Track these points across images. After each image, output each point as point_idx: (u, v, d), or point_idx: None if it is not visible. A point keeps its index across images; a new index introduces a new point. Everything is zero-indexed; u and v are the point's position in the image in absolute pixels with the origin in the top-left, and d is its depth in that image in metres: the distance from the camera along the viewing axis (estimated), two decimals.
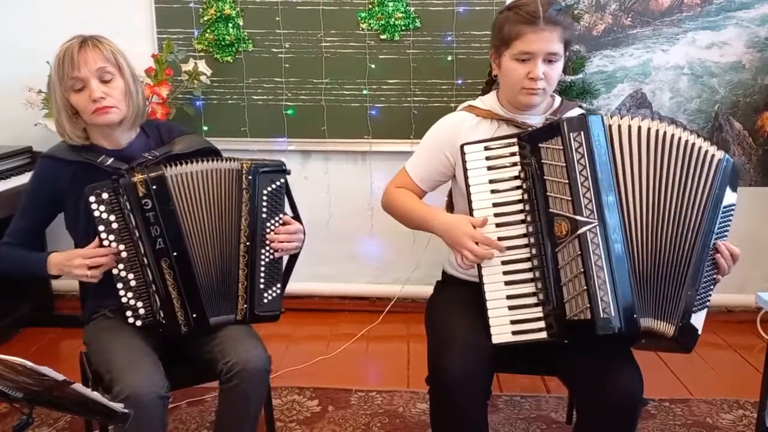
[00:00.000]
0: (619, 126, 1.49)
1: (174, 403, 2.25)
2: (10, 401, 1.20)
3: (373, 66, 2.91)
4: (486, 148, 1.54)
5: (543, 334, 1.49)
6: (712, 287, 1.54)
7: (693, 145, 1.50)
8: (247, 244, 1.64)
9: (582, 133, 1.45)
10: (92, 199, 1.56)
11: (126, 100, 1.65)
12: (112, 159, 1.66)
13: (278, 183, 1.66)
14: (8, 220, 1.73)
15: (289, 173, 1.68)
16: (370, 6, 2.86)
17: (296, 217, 1.73)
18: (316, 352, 2.68)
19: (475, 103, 1.74)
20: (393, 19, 2.86)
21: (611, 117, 1.50)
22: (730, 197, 1.54)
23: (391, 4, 2.85)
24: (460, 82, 2.90)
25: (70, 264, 1.60)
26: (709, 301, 1.54)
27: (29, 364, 1.10)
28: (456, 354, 1.50)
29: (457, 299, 1.65)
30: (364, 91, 2.93)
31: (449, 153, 1.68)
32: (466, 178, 1.55)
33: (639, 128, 1.49)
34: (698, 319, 1.51)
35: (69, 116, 1.65)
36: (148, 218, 1.57)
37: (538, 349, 1.52)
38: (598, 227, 1.43)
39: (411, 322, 2.94)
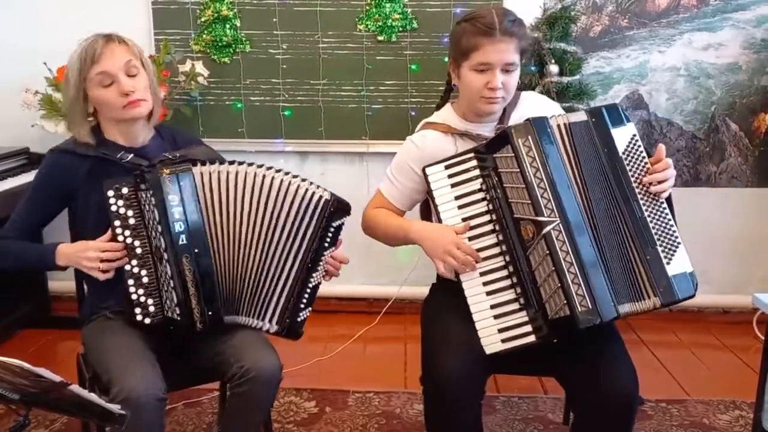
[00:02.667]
0: (565, 125, 1.53)
1: (170, 404, 2.25)
2: (7, 403, 1.19)
3: (370, 67, 2.91)
4: (447, 167, 1.60)
5: (531, 338, 1.51)
6: (669, 221, 1.52)
7: (585, 122, 1.55)
8: (310, 266, 1.65)
9: (530, 137, 1.51)
10: (111, 193, 1.57)
11: (150, 94, 1.67)
12: (131, 155, 1.66)
13: (342, 221, 1.69)
14: (4, 221, 1.72)
15: (350, 215, 1.72)
16: (367, 7, 2.87)
17: None
18: (313, 354, 2.69)
19: (432, 119, 1.78)
20: (390, 21, 2.86)
21: (557, 117, 1.55)
22: (624, 135, 1.54)
23: (388, 5, 2.85)
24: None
25: (83, 255, 1.59)
26: (677, 235, 1.51)
27: (26, 365, 1.10)
28: (450, 355, 1.52)
29: (453, 301, 1.65)
30: (362, 92, 2.94)
31: (419, 171, 1.68)
32: (432, 198, 1.60)
33: (571, 124, 1.53)
34: (679, 263, 1.50)
35: (82, 115, 1.65)
36: (173, 214, 1.56)
37: (534, 349, 1.53)
38: (560, 224, 1.47)
39: (408, 324, 2.94)
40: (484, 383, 1.57)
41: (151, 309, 1.60)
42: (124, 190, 1.57)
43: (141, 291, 1.59)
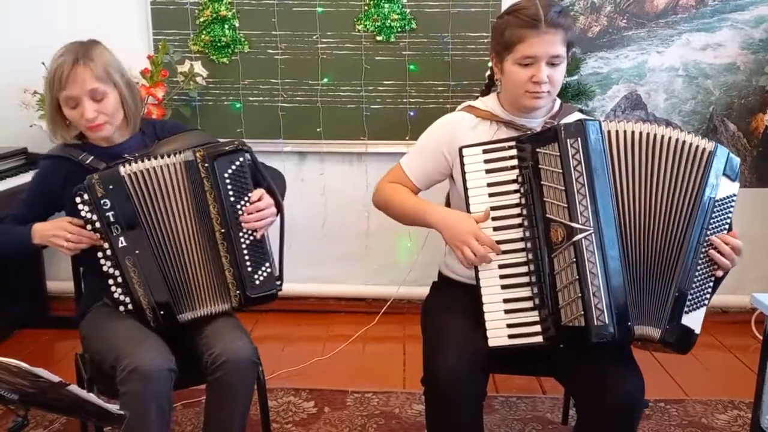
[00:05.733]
0: (617, 131, 1.48)
1: None
2: (5, 403, 1.19)
3: (368, 67, 2.91)
4: (484, 151, 1.52)
5: (539, 338, 1.49)
6: (710, 285, 1.52)
7: (684, 143, 1.49)
8: (222, 231, 1.63)
9: (579, 139, 1.44)
10: (78, 200, 1.59)
11: (120, 109, 1.67)
12: (92, 157, 1.67)
13: (237, 163, 1.62)
14: (3, 220, 1.73)
15: (248, 151, 1.65)
16: (366, 8, 2.87)
17: (269, 189, 1.69)
18: (312, 354, 2.68)
19: (475, 104, 1.73)
20: (389, 21, 2.86)
21: (609, 122, 1.49)
22: (726, 188, 1.51)
23: (386, 5, 2.85)
24: (455, 83, 2.90)
25: (53, 232, 1.60)
26: (707, 300, 1.51)
27: (24, 365, 1.10)
28: (450, 355, 1.50)
29: (453, 301, 1.65)
30: (360, 93, 2.94)
31: (447, 152, 1.67)
32: (464, 180, 1.53)
33: (633, 132, 1.48)
34: (694, 320, 1.50)
35: (62, 124, 1.69)
36: (108, 218, 1.58)
37: (535, 350, 1.52)
38: (593, 235, 1.43)
39: (407, 324, 2.94)
40: (485, 383, 1.56)
41: (130, 307, 1.62)
42: (86, 196, 1.59)
43: (119, 290, 1.62)
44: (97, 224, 1.59)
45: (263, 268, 1.66)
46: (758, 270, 3.05)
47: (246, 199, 1.63)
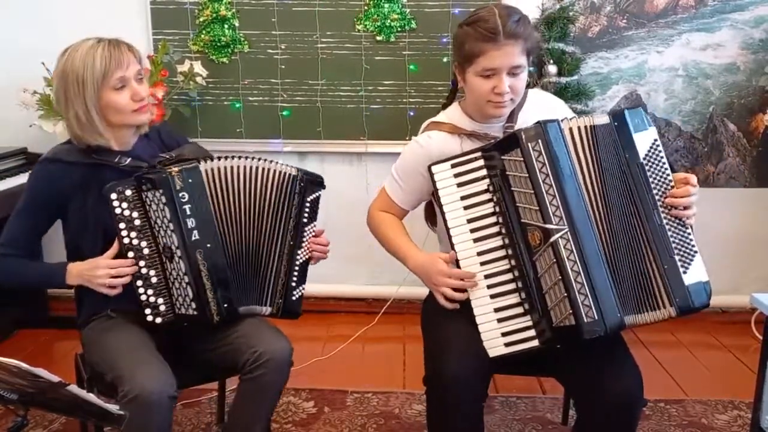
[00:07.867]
0: (579, 128, 1.50)
1: None
2: (5, 403, 1.19)
3: (368, 67, 2.91)
4: (453, 166, 1.56)
5: (535, 342, 1.50)
6: (689, 233, 1.51)
7: (614, 126, 1.51)
8: (291, 243, 1.71)
9: (540, 141, 1.47)
10: (114, 196, 1.58)
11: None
12: (129, 159, 1.67)
13: (318, 193, 1.77)
14: (3, 221, 1.71)
15: (325, 188, 1.79)
16: (366, 7, 2.87)
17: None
18: (312, 354, 2.68)
19: (438, 119, 1.75)
20: (389, 21, 2.86)
21: (570, 120, 1.52)
22: (645, 141, 1.51)
23: (386, 5, 2.85)
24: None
25: (93, 274, 1.59)
26: (694, 247, 1.50)
27: (24, 365, 1.10)
28: (453, 356, 1.51)
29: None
30: (360, 93, 2.94)
31: (424, 173, 1.66)
32: (438, 197, 1.57)
33: (594, 127, 1.50)
34: (696, 271, 1.50)
35: (100, 117, 1.62)
36: (184, 210, 1.59)
37: (538, 353, 1.53)
38: (569, 233, 1.45)
39: (407, 324, 2.94)
40: (487, 384, 1.57)
41: (162, 308, 1.61)
42: (128, 192, 1.58)
43: (150, 291, 1.61)
44: (137, 222, 1.59)
45: (300, 288, 1.76)
46: (758, 270, 3.05)
47: (312, 226, 1.77)
